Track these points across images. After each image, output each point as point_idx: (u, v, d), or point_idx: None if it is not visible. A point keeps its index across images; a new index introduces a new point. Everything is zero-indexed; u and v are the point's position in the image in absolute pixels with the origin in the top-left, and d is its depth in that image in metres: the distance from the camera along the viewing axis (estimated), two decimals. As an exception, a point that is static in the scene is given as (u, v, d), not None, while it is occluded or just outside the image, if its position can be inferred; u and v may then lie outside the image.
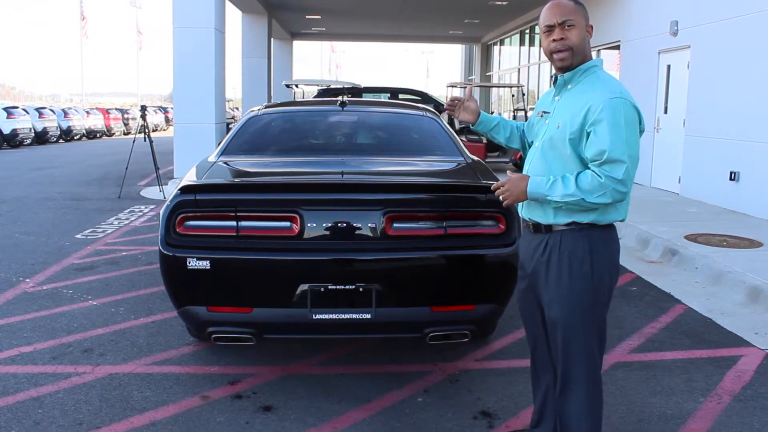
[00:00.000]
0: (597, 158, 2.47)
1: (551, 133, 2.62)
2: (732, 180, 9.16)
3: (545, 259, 2.65)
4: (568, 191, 2.48)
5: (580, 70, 2.62)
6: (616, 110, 2.47)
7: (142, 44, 52.32)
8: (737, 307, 5.30)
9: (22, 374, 3.95)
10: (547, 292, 2.67)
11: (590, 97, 2.52)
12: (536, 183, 2.56)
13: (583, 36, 2.61)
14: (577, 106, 2.54)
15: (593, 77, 2.62)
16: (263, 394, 3.70)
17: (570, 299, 2.61)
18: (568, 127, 2.54)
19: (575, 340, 2.64)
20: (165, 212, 3.57)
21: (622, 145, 2.45)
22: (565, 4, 2.60)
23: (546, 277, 2.66)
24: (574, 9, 2.59)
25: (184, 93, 11.95)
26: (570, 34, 2.58)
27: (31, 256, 6.83)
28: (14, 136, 23.09)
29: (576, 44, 2.59)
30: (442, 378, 3.94)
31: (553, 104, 2.70)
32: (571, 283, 2.60)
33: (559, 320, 2.64)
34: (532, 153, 2.75)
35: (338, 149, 4.91)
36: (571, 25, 2.58)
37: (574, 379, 2.68)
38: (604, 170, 2.45)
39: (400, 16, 20.92)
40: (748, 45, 8.95)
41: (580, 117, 2.51)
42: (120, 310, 5.11)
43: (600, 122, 2.46)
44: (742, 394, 3.76)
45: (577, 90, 2.61)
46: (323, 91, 15.38)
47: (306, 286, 3.48)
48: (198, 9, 11.79)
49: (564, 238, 2.61)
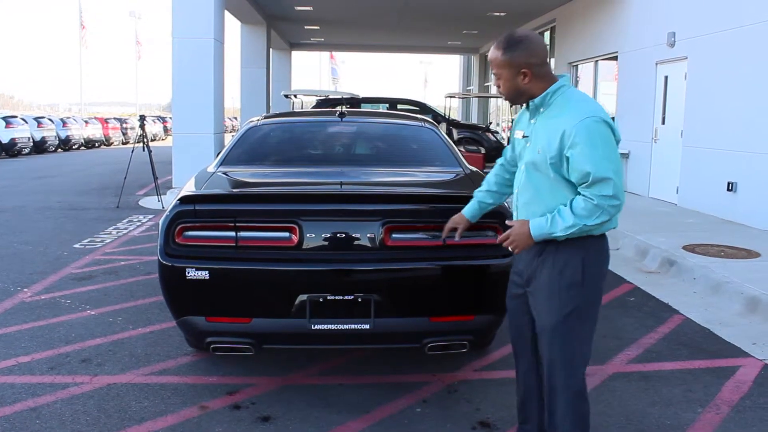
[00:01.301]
0: (584, 180, 2.54)
1: (533, 157, 2.69)
2: (729, 191, 9.19)
3: (540, 267, 2.71)
4: (568, 223, 2.56)
5: (549, 93, 2.67)
6: (590, 131, 2.52)
7: (141, 54, 52.36)
8: (735, 318, 5.31)
9: (20, 384, 3.95)
10: (539, 298, 2.73)
11: (562, 122, 2.58)
12: (537, 225, 2.64)
13: (512, 85, 2.69)
14: (551, 131, 2.61)
15: (562, 98, 2.66)
16: (262, 405, 3.70)
17: (560, 306, 2.66)
18: (547, 152, 2.61)
19: (563, 348, 2.69)
20: (164, 222, 3.57)
21: (605, 162, 2.51)
22: (492, 57, 2.71)
23: (539, 283, 2.72)
24: (499, 62, 2.68)
25: (183, 103, 11.96)
26: (499, 83, 2.74)
27: (29, 266, 6.82)
28: (13, 145, 23.11)
29: (505, 93, 2.74)
30: (441, 388, 3.94)
31: (531, 127, 2.76)
32: (562, 290, 2.66)
33: (548, 327, 2.70)
34: (519, 176, 2.83)
35: (337, 160, 4.92)
36: (498, 77, 2.72)
37: (561, 390, 2.73)
38: (594, 191, 2.52)
39: (399, 27, 21.00)
40: (744, 56, 8.99)
41: (557, 142, 2.57)
42: (118, 320, 5.11)
43: (577, 146, 2.52)
44: (740, 404, 3.76)
45: (550, 113, 2.67)
46: (322, 102, 15.42)
47: (305, 296, 3.48)
48: (197, 19, 11.83)
49: (560, 248, 2.66)
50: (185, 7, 11.79)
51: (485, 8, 17.19)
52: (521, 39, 2.66)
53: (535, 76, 2.66)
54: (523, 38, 2.66)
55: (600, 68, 14.92)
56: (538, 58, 2.66)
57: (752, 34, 8.81)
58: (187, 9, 11.79)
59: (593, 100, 2.73)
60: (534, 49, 2.66)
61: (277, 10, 18.49)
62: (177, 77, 11.93)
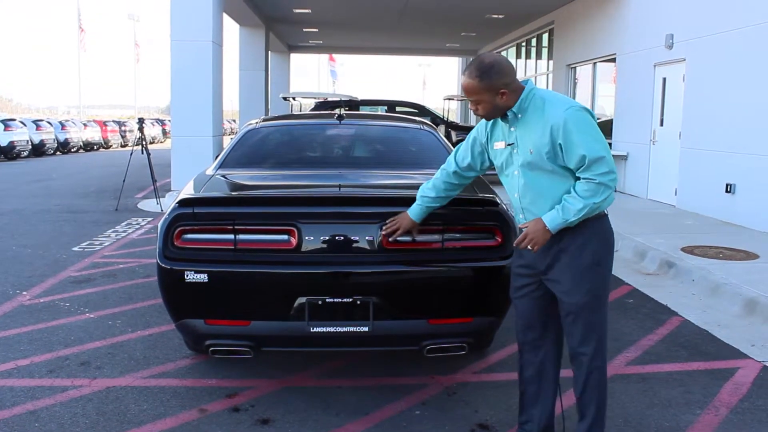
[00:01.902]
0: (581, 164, 2.78)
1: (527, 158, 2.89)
2: (728, 192, 9.20)
3: (560, 254, 2.90)
4: (578, 206, 2.79)
5: (523, 100, 2.88)
6: (575, 119, 2.78)
7: (140, 57, 52.37)
8: (734, 319, 5.31)
9: (19, 387, 3.95)
10: (565, 281, 2.91)
11: (547, 118, 2.82)
12: (551, 218, 2.84)
13: (493, 106, 2.88)
14: (538, 129, 2.84)
15: (536, 100, 2.88)
16: (261, 407, 3.70)
17: (591, 283, 2.89)
18: (541, 147, 2.83)
19: (596, 319, 2.93)
20: (163, 225, 3.58)
21: (595, 143, 2.78)
22: (469, 85, 2.87)
23: (561, 268, 2.91)
24: (477, 89, 2.85)
25: (181, 106, 11.98)
26: (478, 107, 2.92)
27: (28, 269, 6.82)
28: (11, 148, 23.08)
29: (484, 115, 2.96)
30: (440, 390, 3.94)
31: (513, 135, 2.96)
32: (585, 271, 2.88)
33: (581, 304, 2.90)
34: (514, 181, 3.01)
35: (336, 162, 4.92)
36: (477, 102, 2.90)
37: (596, 357, 2.96)
38: (592, 172, 2.77)
39: (397, 29, 21.02)
40: (742, 58, 9.01)
41: (547, 137, 2.80)
42: (117, 323, 5.11)
43: (567, 134, 2.77)
44: (739, 406, 3.77)
45: (529, 117, 2.89)
46: (320, 104, 15.42)
47: (304, 299, 3.48)
48: (196, 22, 11.84)
49: (576, 234, 2.87)
50: (184, 10, 11.82)
51: (484, 10, 17.22)
52: (492, 63, 2.84)
53: (511, 92, 2.86)
54: (493, 62, 2.85)
55: (598, 70, 14.94)
56: (510, 76, 2.86)
57: (750, 36, 8.83)
58: (185, 12, 11.81)
59: (565, 96, 2.99)
60: (506, 70, 2.86)
61: (275, 13, 18.51)
62: (176, 80, 11.94)
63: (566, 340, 3.05)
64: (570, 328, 2.98)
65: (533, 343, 3.12)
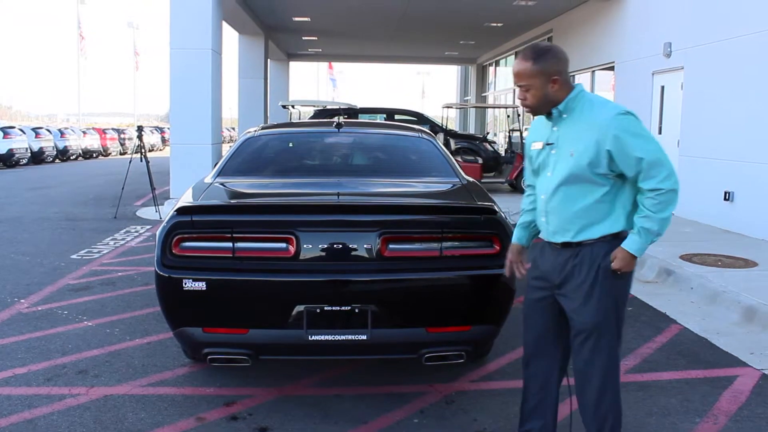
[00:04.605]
0: (639, 169, 2.67)
1: (567, 164, 2.76)
2: (726, 200, 9.21)
3: (577, 267, 2.80)
4: (656, 227, 2.71)
5: (571, 99, 2.79)
6: (627, 124, 2.69)
7: (139, 65, 52.43)
8: (733, 327, 5.31)
9: (16, 396, 3.93)
10: (577, 299, 2.81)
11: (594, 122, 2.71)
12: (636, 247, 2.73)
13: (543, 94, 2.77)
14: (583, 132, 2.73)
15: (583, 101, 2.79)
16: (259, 416, 3.69)
17: (602, 303, 2.78)
18: (583, 153, 2.71)
19: (604, 343, 2.81)
20: (161, 233, 3.58)
21: (650, 145, 2.68)
22: (522, 68, 2.77)
23: (578, 285, 2.80)
24: (530, 72, 2.74)
25: (180, 113, 11.99)
26: (527, 95, 2.81)
27: (26, 277, 6.81)
28: (10, 155, 23.11)
29: (533, 105, 2.82)
30: (438, 399, 3.93)
31: (554, 134, 2.84)
32: (603, 289, 2.77)
33: (592, 324, 2.80)
34: (545, 183, 2.87)
35: (334, 170, 4.93)
36: (527, 88, 2.79)
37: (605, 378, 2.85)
38: (653, 181, 2.66)
39: (396, 38, 21.06)
40: (740, 66, 9.04)
41: (593, 141, 2.69)
42: (115, 331, 5.10)
43: (620, 139, 2.66)
44: (738, 414, 3.76)
45: (575, 117, 2.78)
46: (319, 112, 15.44)
47: (302, 307, 3.48)
48: (195, 30, 11.87)
49: (595, 249, 2.78)
50: (183, 18, 11.84)
51: (482, 19, 17.26)
52: (548, 48, 2.78)
53: (563, 82, 2.76)
54: (549, 47, 2.78)
55: (597, 78, 14.97)
56: (565, 64, 2.79)
57: (748, 44, 8.86)
58: (185, 20, 11.83)
59: (609, 99, 2.88)
60: (561, 57, 2.78)
61: (274, 21, 18.55)
62: (175, 88, 11.96)
63: (572, 360, 2.95)
64: (578, 349, 2.87)
65: (541, 356, 3.03)
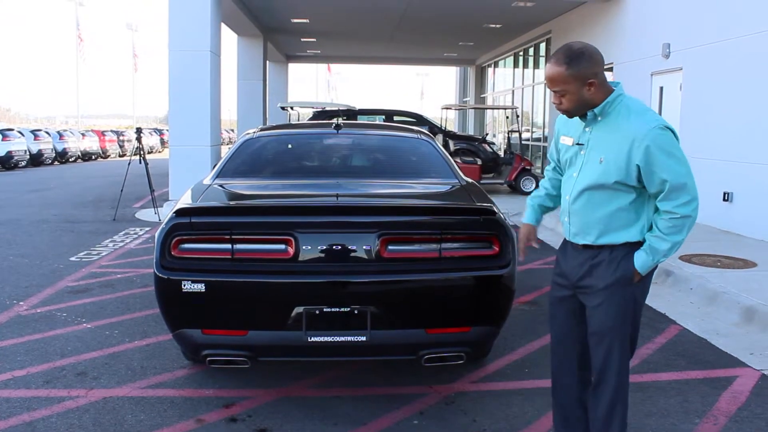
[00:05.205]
0: (661, 189, 2.61)
1: (595, 170, 2.70)
2: (725, 201, 9.21)
3: (595, 271, 2.77)
4: (665, 247, 2.66)
5: (608, 103, 2.68)
6: (662, 140, 2.57)
7: (138, 67, 52.49)
8: (732, 328, 5.31)
9: (15, 398, 3.93)
10: (592, 299, 2.79)
11: (629, 132, 2.60)
12: (642, 264, 2.70)
13: (579, 98, 2.65)
14: (616, 140, 2.63)
15: (621, 106, 2.68)
16: (258, 417, 3.68)
17: (618, 304, 2.75)
18: (613, 162, 2.64)
19: (617, 345, 2.78)
20: (160, 235, 3.57)
21: (680, 168, 2.59)
22: (555, 73, 2.64)
23: (594, 285, 2.78)
24: (564, 77, 2.62)
25: (179, 115, 11.98)
26: (563, 99, 2.68)
27: (25, 279, 6.80)
28: (9, 158, 23.08)
29: (569, 109, 2.70)
30: (438, 400, 3.93)
31: (586, 135, 2.76)
32: (617, 293, 2.74)
33: (606, 327, 2.77)
34: (571, 183, 2.82)
35: (333, 172, 4.93)
36: (562, 93, 2.66)
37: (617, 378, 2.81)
38: (672, 203, 2.61)
39: (395, 39, 21.07)
40: (739, 67, 9.04)
41: (624, 152, 2.60)
42: (114, 333, 5.09)
43: (651, 155, 2.56)
44: (737, 415, 3.76)
45: (610, 121, 2.68)
46: (318, 114, 15.44)
47: (301, 308, 3.48)
48: (194, 32, 11.86)
49: (614, 253, 2.74)
50: (182, 20, 11.83)
51: (481, 20, 17.28)
52: (582, 50, 2.63)
53: (599, 84, 2.65)
54: (583, 49, 2.63)
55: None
56: (601, 65, 2.66)
57: (746, 45, 8.86)
58: (183, 22, 11.83)
59: (651, 109, 2.76)
60: (597, 58, 2.64)
61: (273, 23, 18.56)
62: (174, 90, 11.95)
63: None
64: (593, 350, 2.85)
65: (566, 358, 3.00)
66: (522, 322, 5.39)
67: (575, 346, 2.97)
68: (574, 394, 3.02)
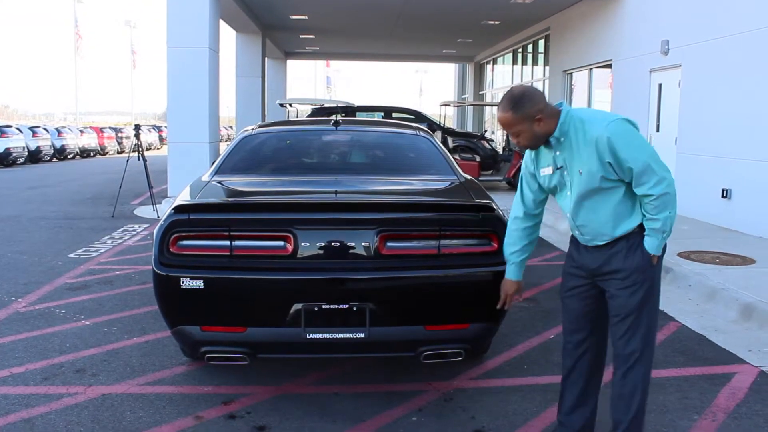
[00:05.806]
0: (630, 176, 2.82)
1: (580, 181, 2.89)
2: (724, 197, 9.21)
3: (614, 257, 2.93)
4: (658, 225, 2.85)
5: (563, 124, 2.90)
6: (617, 133, 2.80)
7: (137, 63, 52.47)
8: (731, 325, 5.31)
9: (14, 395, 3.93)
10: (617, 279, 2.94)
11: (589, 138, 2.83)
12: (653, 247, 2.89)
13: (532, 133, 2.89)
14: (583, 151, 2.85)
15: (574, 120, 2.89)
16: (257, 414, 3.68)
17: (640, 284, 2.91)
18: (590, 166, 2.84)
19: (643, 321, 2.94)
20: (158, 232, 3.57)
21: (639, 153, 2.80)
22: (505, 119, 2.89)
23: (624, 269, 2.91)
24: (514, 120, 2.86)
25: (178, 112, 11.96)
26: (519, 139, 2.93)
27: (23, 276, 6.80)
28: (7, 155, 23.07)
29: (528, 145, 2.97)
30: (437, 397, 3.93)
31: (560, 158, 2.95)
32: (640, 269, 2.91)
33: (630, 305, 2.91)
34: (567, 202, 3.02)
35: (332, 168, 4.92)
36: (517, 134, 2.91)
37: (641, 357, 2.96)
38: (645, 187, 2.80)
39: (394, 36, 21.05)
40: (738, 64, 9.04)
41: (594, 156, 2.82)
42: (113, 330, 5.09)
43: (614, 150, 2.79)
44: (736, 411, 3.76)
45: (570, 138, 2.89)
46: (317, 110, 15.43)
47: (300, 305, 3.47)
48: (192, 28, 11.83)
49: (630, 239, 2.92)
50: (180, 17, 11.80)
51: (480, 17, 17.25)
52: (522, 93, 2.87)
53: (547, 116, 2.87)
54: (523, 92, 2.88)
55: (594, 76, 14.97)
56: (542, 102, 2.88)
57: (745, 42, 8.86)
58: (181, 18, 11.80)
59: (601, 110, 3.01)
60: (536, 97, 2.87)
61: (272, 20, 18.53)
62: (172, 86, 11.92)
63: (611, 340, 3.06)
64: (616, 328, 2.98)
65: (578, 345, 3.14)
66: (521, 319, 5.39)
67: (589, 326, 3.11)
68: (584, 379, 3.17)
